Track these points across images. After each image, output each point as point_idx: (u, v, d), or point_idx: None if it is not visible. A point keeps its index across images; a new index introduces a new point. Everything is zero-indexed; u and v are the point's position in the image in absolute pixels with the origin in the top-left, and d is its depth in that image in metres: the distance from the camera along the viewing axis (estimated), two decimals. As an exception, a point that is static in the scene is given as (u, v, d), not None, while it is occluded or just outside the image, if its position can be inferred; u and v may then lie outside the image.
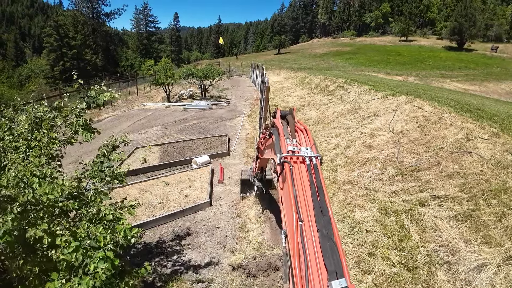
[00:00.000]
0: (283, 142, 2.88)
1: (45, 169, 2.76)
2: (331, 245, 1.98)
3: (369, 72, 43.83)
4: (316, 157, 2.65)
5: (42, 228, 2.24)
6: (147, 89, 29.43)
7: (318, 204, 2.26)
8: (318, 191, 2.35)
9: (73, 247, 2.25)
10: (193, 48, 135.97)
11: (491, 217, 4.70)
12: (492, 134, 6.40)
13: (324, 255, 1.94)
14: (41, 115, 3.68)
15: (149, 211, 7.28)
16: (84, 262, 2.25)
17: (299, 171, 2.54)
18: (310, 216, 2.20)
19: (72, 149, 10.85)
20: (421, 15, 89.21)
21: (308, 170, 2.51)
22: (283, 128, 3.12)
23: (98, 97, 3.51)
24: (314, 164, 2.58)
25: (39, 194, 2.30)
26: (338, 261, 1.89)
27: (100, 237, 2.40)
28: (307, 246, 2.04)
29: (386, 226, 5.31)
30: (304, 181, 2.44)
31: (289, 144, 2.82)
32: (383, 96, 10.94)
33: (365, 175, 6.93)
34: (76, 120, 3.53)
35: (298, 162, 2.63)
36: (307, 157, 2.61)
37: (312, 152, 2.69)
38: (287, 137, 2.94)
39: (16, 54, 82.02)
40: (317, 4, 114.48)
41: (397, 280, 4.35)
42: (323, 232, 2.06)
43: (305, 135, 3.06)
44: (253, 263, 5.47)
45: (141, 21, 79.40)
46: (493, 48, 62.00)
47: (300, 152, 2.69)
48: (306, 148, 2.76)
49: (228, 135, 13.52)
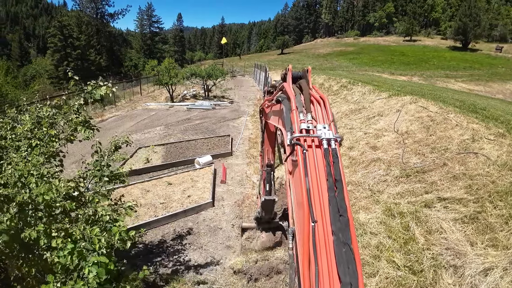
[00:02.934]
0: (296, 117, 2.30)
1: (43, 169, 2.71)
2: (348, 252, 1.69)
3: (373, 72, 43.63)
4: (336, 139, 2.12)
5: (38, 229, 2.20)
6: (150, 89, 29.50)
7: (335, 202, 1.87)
8: (336, 185, 1.94)
9: (69, 249, 2.20)
10: (197, 49, 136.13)
11: (498, 219, 4.62)
12: (498, 135, 6.31)
13: (338, 264, 1.67)
14: (44, 115, 3.66)
15: (152, 211, 7.25)
16: (80, 265, 2.20)
17: (314, 158, 2.07)
18: (324, 216, 1.86)
19: (75, 148, 10.88)
20: (425, 15, 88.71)
21: (325, 156, 2.05)
22: (296, 97, 2.49)
23: (95, 92, 3.44)
24: (333, 148, 2.08)
25: (35, 195, 2.26)
26: (354, 271, 1.63)
27: (95, 240, 2.32)
28: (319, 252, 1.74)
29: (390, 228, 5.24)
30: (319, 171, 2.02)
31: (303, 121, 2.24)
32: (388, 96, 10.85)
33: (370, 176, 6.86)
34: (75, 117, 3.49)
35: (314, 146, 2.13)
36: (325, 140, 2.11)
37: (331, 133, 2.16)
38: (301, 110, 2.33)
39: (20, 54, 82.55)
40: (320, 4, 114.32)
41: (402, 283, 4.28)
42: (339, 237, 1.74)
43: (322, 107, 2.45)
44: (255, 267, 5.41)
45: (145, 21, 79.73)
46: (497, 48, 61.52)
47: (317, 132, 2.18)
48: (324, 127, 2.21)
49: (231, 135, 13.49)
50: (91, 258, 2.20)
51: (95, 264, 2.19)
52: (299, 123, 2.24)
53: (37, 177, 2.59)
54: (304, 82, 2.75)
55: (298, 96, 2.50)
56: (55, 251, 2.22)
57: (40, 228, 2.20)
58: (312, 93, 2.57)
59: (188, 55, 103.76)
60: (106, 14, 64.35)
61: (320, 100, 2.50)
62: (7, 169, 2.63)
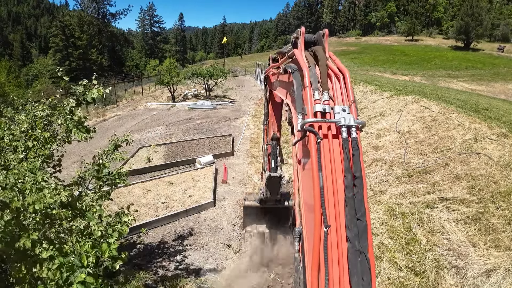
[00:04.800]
0: (310, 96, 1.86)
1: (38, 175, 2.65)
2: (363, 262, 1.48)
3: (375, 71, 43.54)
4: (357, 125, 1.74)
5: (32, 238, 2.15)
6: (152, 89, 29.53)
7: (353, 202, 1.59)
8: (354, 182, 1.63)
9: (57, 263, 2.14)
10: (198, 48, 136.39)
11: (500, 220, 4.59)
12: (501, 135, 6.27)
13: (351, 275, 1.48)
14: (40, 114, 3.59)
15: (153, 211, 7.24)
16: (69, 280, 2.14)
17: (331, 149, 1.72)
18: (339, 220, 1.59)
19: (76, 148, 10.89)
20: (427, 15, 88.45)
21: (344, 148, 1.68)
22: (310, 70, 1.98)
23: (87, 93, 3.28)
24: (353, 138, 1.70)
25: (27, 203, 2.20)
26: (369, 283, 1.44)
27: (83, 257, 2.23)
28: (331, 260, 1.52)
29: (392, 228, 5.22)
30: (336, 165, 1.68)
31: (318, 101, 1.81)
32: (389, 96, 10.80)
33: (371, 176, 6.83)
34: (70, 118, 3.35)
35: (330, 134, 1.75)
36: (345, 127, 1.71)
37: (352, 118, 1.75)
38: (316, 87, 1.86)
39: (22, 54, 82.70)
40: (322, 4, 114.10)
41: (404, 284, 4.26)
42: (355, 244, 1.51)
43: (341, 84, 1.96)
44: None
45: (146, 21, 80.00)
46: (499, 48, 61.18)
47: (334, 116, 1.77)
48: (343, 109, 1.78)
49: (232, 135, 13.47)
50: (79, 275, 2.14)
51: (82, 284, 2.12)
52: (314, 103, 1.82)
53: (32, 184, 2.53)
54: (320, 49, 2.15)
55: (313, 68, 2.00)
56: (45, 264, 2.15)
57: (34, 237, 2.14)
58: (329, 65, 2.06)
59: (190, 55, 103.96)
60: (107, 14, 64.62)
61: (339, 74, 2.00)
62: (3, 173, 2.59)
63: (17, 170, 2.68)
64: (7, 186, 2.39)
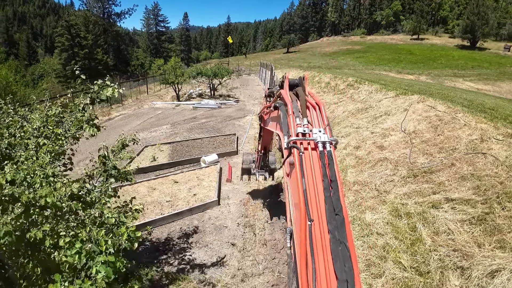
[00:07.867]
0: (292, 121, 2.45)
1: (48, 169, 2.72)
2: (343, 251, 1.77)
3: (380, 71, 43.32)
4: (331, 142, 2.26)
5: (44, 228, 2.20)
6: (157, 88, 29.66)
7: (331, 201, 1.97)
8: (331, 185, 2.03)
9: (76, 248, 2.21)
10: (203, 48, 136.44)
11: (506, 220, 4.56)
12: (507, 135, 6.22)
13: (334, 262, 1.74)
14: (52, 113, 3.70)
15: (158, 209, 7.30)
16: (87, 264, 2.21)
17: (310, 160, 2.19)
18: (321, 215, 1.94)
19: (82, 146, 10.96)
20: (433, 13, 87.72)
21: (321, 158, 2.16)
22: (293, 103, 2.67)
23: (102, 92, 3.43)
24: (328, 151, 2.20)
25: (38, 196, 2.26)
26: (350, 269, 1.69)
27: (101, 242, 2.31)
28: (316, 250, 1.81)
29: (397, 228, 5.21)
30: (315, 172, 2.12)
31: (299, 125, 2.39)
32: (395, 95, 10.76)
33: (376, 176, 6.82)
34: (81, 116, 3.49)
35: (309, 148, 2.25)
36: (320, 142, 2.23)
37: (327, 136, 2.28)
38: (297, 115, 2.48)
39: (28, 53, 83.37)
40: (326, 3, 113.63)
41: (408, 284, 4.26)
42: (335, 235, 1.82)
43: (317, 112, 2.62)
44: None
45: (151, 21, 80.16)
46: (506, 48, 60.45)
47: (312, 136, 2.30)
48: (319, 130, 2.33)
49: (237, 134, 13.51)
50: (99, 258, 2.20)
51: (103, 263, 2.19)
52: (296, 127, 2.38)
53: (42, 178, 2.60)
54: (301, 89, 2.97)
55: (295, 102, 2.71)
56: (62, 250, 2.22)
57: (45, 228, 2.20)
58: (308, 99, 2.78)
59: (194, 54, 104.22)
60: (113, 14, 64.99)
61: (315, 106, 2.68)
62: (14, 168, 2.65)
63: (26, 166, 2.72)
64: (17, 181, 2.43)
